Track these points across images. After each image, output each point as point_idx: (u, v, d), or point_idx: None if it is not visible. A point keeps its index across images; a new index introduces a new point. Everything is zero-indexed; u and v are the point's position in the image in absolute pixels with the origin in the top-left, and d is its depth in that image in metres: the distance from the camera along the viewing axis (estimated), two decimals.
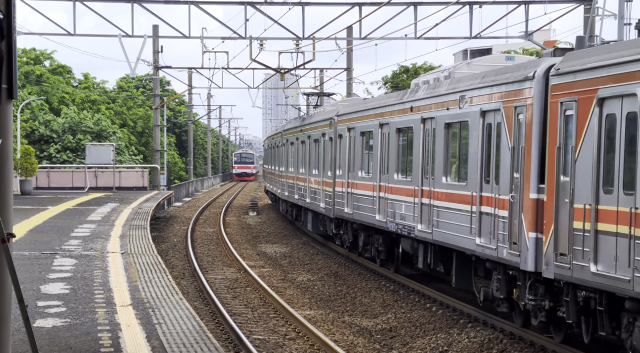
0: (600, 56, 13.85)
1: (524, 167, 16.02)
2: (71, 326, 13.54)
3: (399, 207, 23.24)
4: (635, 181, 12.56)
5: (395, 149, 23.87)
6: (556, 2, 39.40)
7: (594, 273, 13.49)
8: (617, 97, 13.22)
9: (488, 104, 17.72)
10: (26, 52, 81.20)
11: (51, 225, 30.07)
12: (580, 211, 14.01)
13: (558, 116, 14.83)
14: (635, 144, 12.64)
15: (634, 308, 12.84)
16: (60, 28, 41.69)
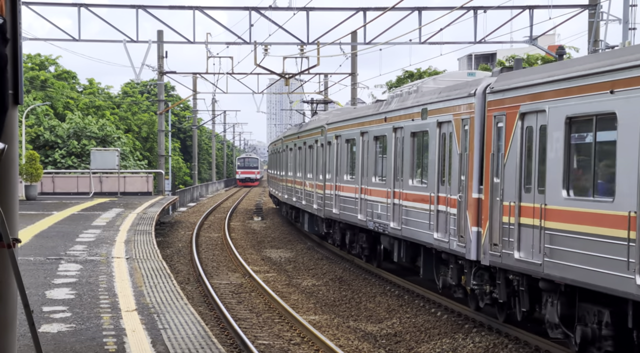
0: (523, 77, 16.58)
1: (468, 171, 18.65)
2: (76, 331, 13.55)
3: (376, 206, 25.79)
4: (545, 181, 15.31)
5: (373, 154, 26.49)
6: (560, 7, 39.41)
7: (517, 259, 16.25)
8: (533, 112, 15.94)
9: (443, 115, 20.31)
10: (31, 58, 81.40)
11: (56, 230, 30.10)
12: (507, 207, 16.79)
13: (492, 127, 17.57)
14: (545, 151, 15.39)
15: (546, 287, 15.45)
16: (65, 33, 41.78)
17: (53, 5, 42.85)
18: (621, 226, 12.81)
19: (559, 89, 14.95)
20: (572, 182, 14.71)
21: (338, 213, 30.76)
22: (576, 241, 14.17)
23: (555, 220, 14.94)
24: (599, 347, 14.21)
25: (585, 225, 13.96)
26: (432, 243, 20.74)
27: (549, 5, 36.80)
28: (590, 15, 37.61)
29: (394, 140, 24.10)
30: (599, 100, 13.66)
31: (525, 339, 17.26)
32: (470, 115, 18.53)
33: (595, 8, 37.28)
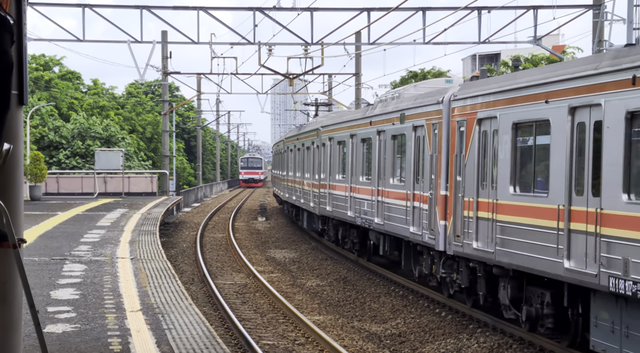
0: (481, 87, 18.64)
1: (437, 170, 20.73)
2: (81, 331, 13.57)
3: (363, 204, 27.83)
4: (495, 179, 17.58)
5: (361, 155, 28.61)
6: (565, 7, 39.37)
7: (475, 249, 18.34)
8: (488, 118, 18.06)
9: (417, 120, 22.43)
10: (35, 58, 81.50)
11: (60, 231, 30.13)
12: (467, 203, 18.88)
13: (456, 131, 19.66)
14: (497, 153, 17.61)
15: (498, 273, 17.53)
16: (70, 34, 41.83)
17: (57, 5, 42.90)
18: (553, 217, 15.04)
19: (508, 98, 17.23)
20: (517, 179, 16.97)
21: (331, 210, 32.87)
22: (520, 231, 16.36)
23: (504, 213, 17.17)
24: (542, 324, 16.27)
25: (527, 217, 16.19)
26: (408, 236, 22.95)
27: (553, 5, 36.80)
28: (595, 15, 37.58)
29: (378, 142, 26.23)
30: (537, 109, 15.92)
31: (529, 339, 17.26)
32: (439, 121, 20.65)
33: (599, 8, 37.25)
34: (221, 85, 67.56)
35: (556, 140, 15.13)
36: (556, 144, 15.16)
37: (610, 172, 13.56)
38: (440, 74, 70.81)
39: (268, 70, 47.34)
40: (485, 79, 19.56)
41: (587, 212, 14.09)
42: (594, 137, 14.13)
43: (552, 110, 15.29)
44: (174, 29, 44.14)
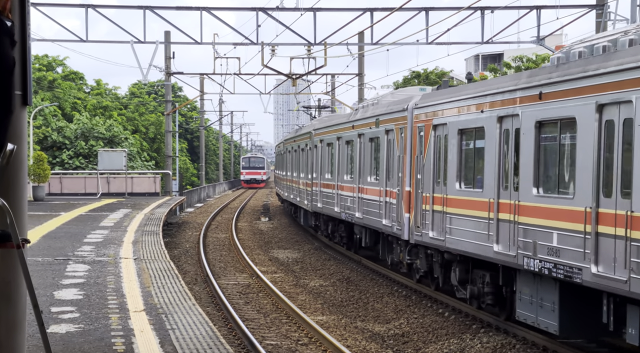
0: (436, 97, 21.58)
1: (403, 169, 23.67)
2: (84, 331, 13.58)
3: (347, 200, 30.79)
4: (446, 177, 20.43)
5: (345, 156, 31.47)
6: (568, 7, 39.35)
7: (431, 237, 21.17)
8: (441, 124, 20.96)
9: (388, 125, 25.34)
10: (38, 58, 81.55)
11: (64, 231, 30.16)
12: (425, 197, 21.79)
13: (417, 135, 22.64)
14: (447, 154, 20.43)
15: (449, 258, 20.46)
16: (73, 34, 41.87)
17: (60, 6, 42.95)
18: (486, 209, 18.10)
19: (454, 108, 20.19)
20: (462, 177, 19.80)
21: (321, 207, 36.00)
22: (463, 221, 19.31)
23: (452, 206, 20.04)
24: (483, 301, 19.10)
25: (468, 209, 19.19)
26: (382, 228, 25.88)
27: (556, 5, 36.79)
28: (598, 15, 37.55)
29: (359, 144, 29.11)
30: (475, 118, 18.87)
31: (532, 339, 17.25)
32: (404, 126, 23.64)
33: (602, 8, 37.23)
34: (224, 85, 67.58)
35: (489, 144, 18.09)
36: (489, 147, 18.06)
37: (525, 170, 16.45)
38: (443, 74, 70.77)
39: (271, 70, 47.37)
40: (442, 90, 22.38)
41: (510, 204, 17.08)
42: (515, 141, 17.08)
43: (485, 119, 18.30)
44: (177, 29, 44.17)
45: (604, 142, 14.00)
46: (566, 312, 15.49)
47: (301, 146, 43.17)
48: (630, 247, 13.05)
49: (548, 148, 16.00)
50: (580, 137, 14.56)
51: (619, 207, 13.47)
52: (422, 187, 21.99)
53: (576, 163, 14.83)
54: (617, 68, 13.53)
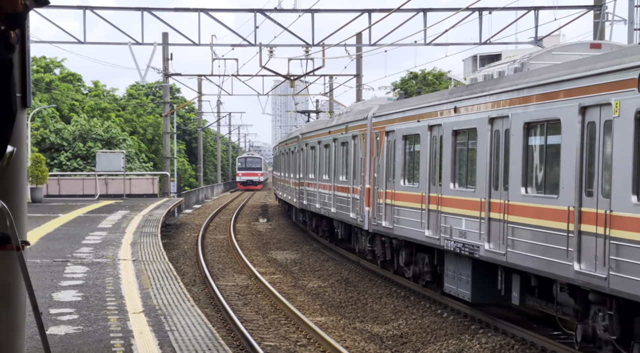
0: (388, 108, 25.70)
1: (364, 169, 27.77)
2: (83, 333, 13.58)
3: (325, 197, 34.66)
4: (395, 175, 24.45)
5: (324, 158, 35.32)
6: (566, 8, 39.38)
7: (384, 226, 25.20)
8: (390, 131, 24.94)
9: (355, 130, 29.44)
10: (36, 60, 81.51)
11: (62, 233, 30.16)
12: (380, 193, 25.74)
13: (374, 140, 26.62)
14: (395, 156, 24.41)
15: (397, 244, 24.74)
16: (71, 36, 41.86)
17: (59, 7, 42.93)
18: (420, 201, 22.16)
19: (400, 117, 24.24)
20: (406, 175, 23.85)
21: (307, 204, 39.74)
22: (406, 212, 23.30)
23: (398, 200, 24.13)
24: (423, 278, 22.97)
25: (409, 202, 23.15)
26: (350, 221, 29.89)
27: (554, 6, 36.81)
28: (596, 16, 37.58)
29: (334, 148, 33.11)
30: (414, 126, 22.86)
31: (531, 340, 17.26)
32: (365, 132, 27.69)
33: (600, 9, 37.26)
34: (222, 86, 67.35)
35: (424, 148, 22.05)
36: (424, 151, 22.09)
37: (446, 169, 20.60)
38: (441, 75, 70.78)
39: (269, 71, 47.37)
40: (395, 102, 26.86)
41: (437, 197, 21.09)
42: (440, 145, 20.89)
43: (420, 128, 22.33)
44: (175, 30, 44.18)
45: (498, 147, 17.93)
46: (477, 283, 19.33)
47: (291, 149, 47.13)
48: (506, 227, 17.17)
49: (460, 151, 20.21)
50: (480, 144, 18.60)
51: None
52: (378, 184, 26.01)
53: (477, 163, 18.84)
54: (501, 90, 17.68)
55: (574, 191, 14.65)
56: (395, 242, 24.83)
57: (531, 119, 16.46)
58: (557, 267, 15.15)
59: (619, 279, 13.31)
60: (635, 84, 13.06)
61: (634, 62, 13.16)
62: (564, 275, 14.95)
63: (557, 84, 15.47)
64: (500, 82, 17.91)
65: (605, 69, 13.95)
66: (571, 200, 14.71)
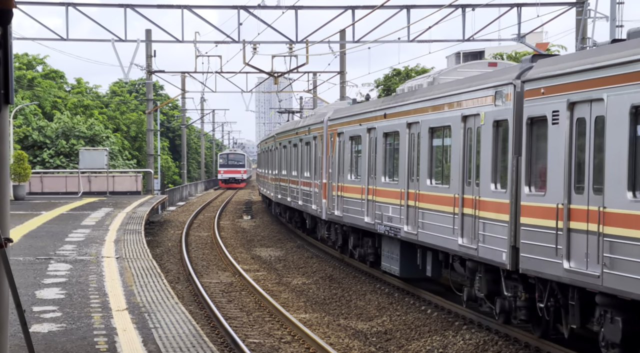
0: (339, 113, 29.81)
1: (321, 165, 31.66)
2: (67, 331, 13.54)
3: (294, 191, 38.81)
4: (344, 171, 28.33)
5: (293, 156, 39.39)
6: (548, 4, 39.48)
7: (336, 215, 29.16)
8: (341, 132, 28.91)
9: (315, 132, 33.35)
10: (18, 57, 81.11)
11: (45, 230, 30.04)
12: (333, 186, 29.53)
13: (329, 140, 30.63)
14: (344, 154, 28.47)
15: (347, 229, 28.71)
16: (53, 33, 41.67)
17: (41, 4, 42.73)
18: (361, 192, 26.15)
19: (347, 121, 28.29)
20: (352, 171, 27.71)
21: (281, 198, 43.36)
22: (352, 202, 27.24)
23: (346, 192, 28.09)
24: (367, 259, 27.00)
25: (354, 193, 27.07)
26: (312, 212, 33.87)
27: (536, 3, 36.89)
28: (578, 12, 37.69)
29: (300, 147, 36.99)
30: (358, 129, 26.82)
31: (515, 336, 17.32)
32: (322, 133, 31.75)
33: (582, 5, 37.38)
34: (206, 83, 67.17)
35: (365, 147, 26.03)
36: (364, 150, 25.95)
37: (379, 165, 24.42)
38: (424, 72, 70.86)
39: (253, 68, 47.29)
40: (345, 107, 30.86)
41: (374, 189, 24.87)
42: (375, 146, 24.95)
43: (362, 130, 26.42)
44: (159, 27, 44.07)
45: (413, 147, 21.72)
46: (403, 260, 23.09)
47: (270, 147, 51.78)
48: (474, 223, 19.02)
49: (389, 150, 23.94)
50: (401, 144, 22.48)
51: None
52: (332, 179, 29.92)
53: (399, 160, 22.61)
54: (414, 100, 21.63)
55: (459, 182, 18.77)
56: (345, 228, 29.06)
57: (433, 125, 20.45)
58: (449, 242, 19.21)
59: (483, 248, 17.70)
60: (492, 100, 17.17)
61: (492, 82, 17.21)
62: (452, 248, 19.08)
63: (446, 97, 19.61)
64: (415, 94, 21.92)
65: (477, 87, 17.92)
66: (457, 189, 18.87)
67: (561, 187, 14.59)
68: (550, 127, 15.01)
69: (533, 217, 15.57)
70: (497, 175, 17.19)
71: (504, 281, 17.21)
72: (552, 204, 14.80)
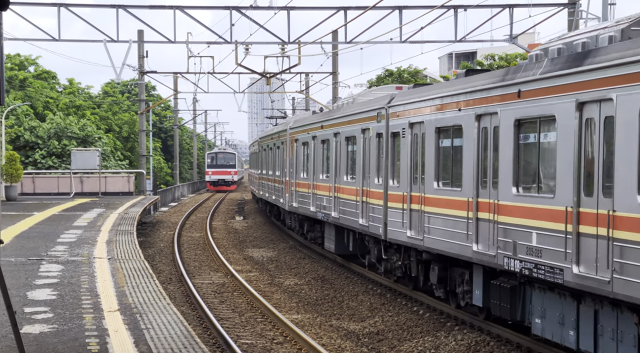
0: (296, 123, 35.95)
1: (286, 166, 37.91)
2: (58, 332, 13.52)
3: (271, 188, 44.90)
4: (298, 169, 34.64)
5: (270, 158, 45.89)
6: (540, 5, 39.54)
7: (294, 207, 35.16)
8: (298, 139, 34.50)
9: (282, 138, 39.76)
10: (10, 58, 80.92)
11: (37, 231, 29.99)
12: (292, 183, 35.15)
13: (291, 144, 36.31)
14: (299, 156, 34.72)
15: (302, 218, 35.47)
16: (45, 33, 41.60)
17: (33, 5, 42.65)
18: (309, 188, 32.02)
19: (301, 130, 34.74)
20: (304, 169, 33.49)
21: (262, 193, 51.00)
22: (303, 195, 33.13)
23: (299, 188, 33.92)
24: (318, 241, 32.91)
25: (304, 188, 32.97)
26: (280, 205, 40.94)
27: (528, 4, 36.96)
28: (570, 13, 37.78)
29: (275, 150, 43.47)
30: (306, 136, 33.07)
31: (507, 337, 17.35)
32: (287, 139, 37.86)
33: (574, 6, 37.46)
34: (198, 84, 67.14)
35: (311, 150, 31.79)
36: (311, 152, 31.73)
37: (342, 164, 27.57)
38: (417, 73, 70.90)
39: (245, 69, 47.28)
40: (302, 118, 37.50)
41: (315, 184, 30.92)
42: (322, 149, 30.24)
43: (309, 137, 32.43)
44: (151, 28, 44.01)
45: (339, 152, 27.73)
46: (337, 240, 28.98)
47: (256, 149, 59.37)
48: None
49: (324, 153, 29.96)
50: (331, 148, 28.54)
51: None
52: (292, 177, 36.03)
53: (356, 161, 26.07)
54: (354, 112, 26.28)
55: (362, 177, 25.03)
56: (300, 217, 35.49)
57: (347, 134, 26.82)
58: (351, 222, 25.83)
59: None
60: (375, 118, 23.71)
61: (374, 107, 23.92)
62: (355, 226, 25.58)
63: (352, 115, 26.41)
64: (337, 112, 29.23)
65: (368, 108, 24.73)
66: (359, 183, 25.35)
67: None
68: (402, 139, 21.53)
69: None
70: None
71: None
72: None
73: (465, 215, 17.77)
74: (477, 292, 18.04)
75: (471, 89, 17.73)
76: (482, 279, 17.80)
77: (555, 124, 14.48)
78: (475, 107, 17.53)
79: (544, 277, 14.65)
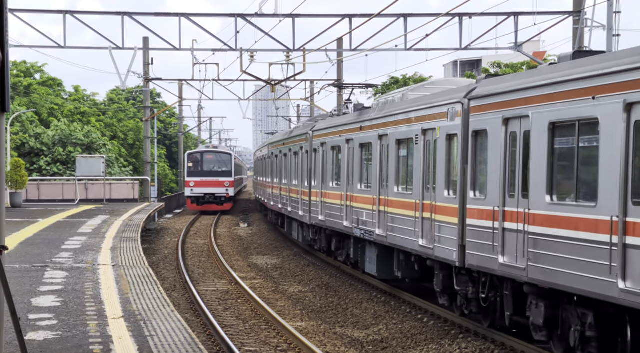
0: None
1: (276, 173, 45.00)
2: (62, 338, 13.53)
3: (268, 192, 49.83)
4: (275, 177, 45.64)
5: (274, 164, 47.66)
6: (545, 13, 39.53)
7: (287, 210, 39.46)
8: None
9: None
10: (16, 65, 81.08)
11: (41, 238, 30.01)
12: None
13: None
14: (274, 165, 47.02)
15: (288, 219, 41.46)
16: (51, 40, 41.69)
17: (39, 12, 42.73)
18: (284, 191, 39.96)
19: (277, 145, 44.58)
20: (279, 176, 41.98)
21: (265, 200, 53.00)
22: (283, 198, 40.05)
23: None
24: (306, 238, 35.79)
25: (282, 192, 40.97)
26: (277, 210, 44.52)
27: (533, 12, 36.94)
28: (575, 21, 37.76)
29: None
30: (284, 147, 41.36)
31: (511, 345, 17.31)
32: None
33: (579, 15, 37.45)
34: (203, 91, 67.19)
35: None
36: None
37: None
38: (422, 80, 70.92)
39: (250, 76, 47.31)
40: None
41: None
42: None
43: (285, 148, 39.19)
44: (156, 35, 44.06)
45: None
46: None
47: (265, 155, 56.51)
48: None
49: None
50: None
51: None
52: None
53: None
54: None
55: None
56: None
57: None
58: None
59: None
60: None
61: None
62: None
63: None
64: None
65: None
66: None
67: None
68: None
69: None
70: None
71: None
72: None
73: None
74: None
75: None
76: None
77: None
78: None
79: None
